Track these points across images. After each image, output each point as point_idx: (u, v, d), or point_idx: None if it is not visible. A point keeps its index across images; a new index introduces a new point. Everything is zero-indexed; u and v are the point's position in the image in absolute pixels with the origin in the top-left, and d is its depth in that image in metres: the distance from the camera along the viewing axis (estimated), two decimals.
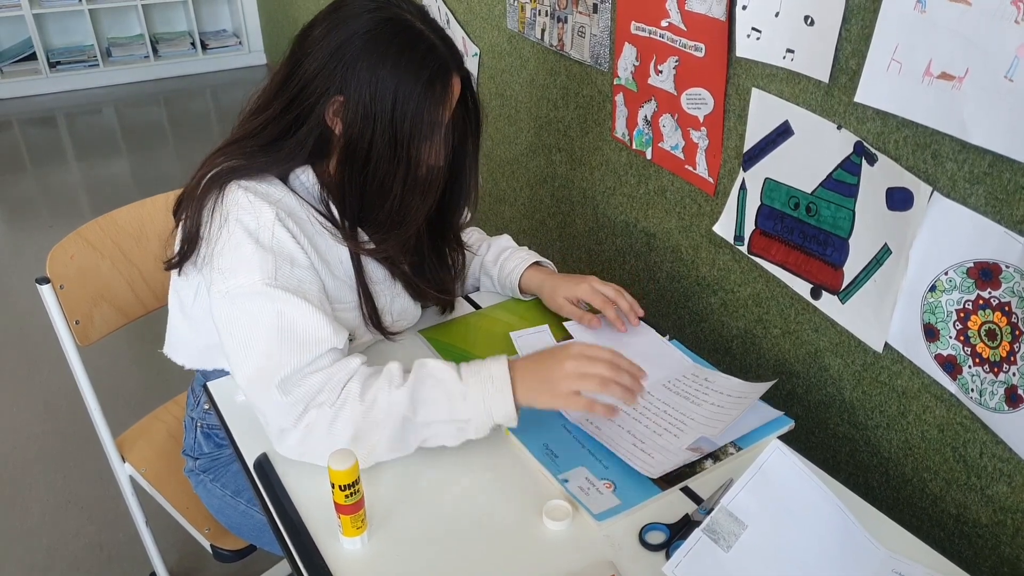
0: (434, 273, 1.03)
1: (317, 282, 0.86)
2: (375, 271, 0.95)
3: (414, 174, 0.86)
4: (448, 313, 1.10)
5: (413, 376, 0.82)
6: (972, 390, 0.84)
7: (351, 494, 0.70)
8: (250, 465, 0.85)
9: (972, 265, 0.80)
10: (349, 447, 0.77)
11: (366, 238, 0.91)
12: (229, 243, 0.81)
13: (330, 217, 0.88)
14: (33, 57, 4.01)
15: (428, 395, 0.81)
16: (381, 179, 0.86)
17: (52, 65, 4.07)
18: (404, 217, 0.89)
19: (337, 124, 0.85)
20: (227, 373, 0.98)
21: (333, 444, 0.79)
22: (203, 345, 0.99)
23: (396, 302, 0.98)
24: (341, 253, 0.91)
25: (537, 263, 1.11)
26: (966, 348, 0.83)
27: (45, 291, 1.10)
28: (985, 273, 0.79)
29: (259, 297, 0.80)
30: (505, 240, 1.15)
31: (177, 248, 0.89)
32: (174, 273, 0.94)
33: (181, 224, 0.87)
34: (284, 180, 0.87)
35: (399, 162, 0.85)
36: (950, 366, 0.85)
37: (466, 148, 0.96)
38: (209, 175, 0.84)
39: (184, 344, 1.02)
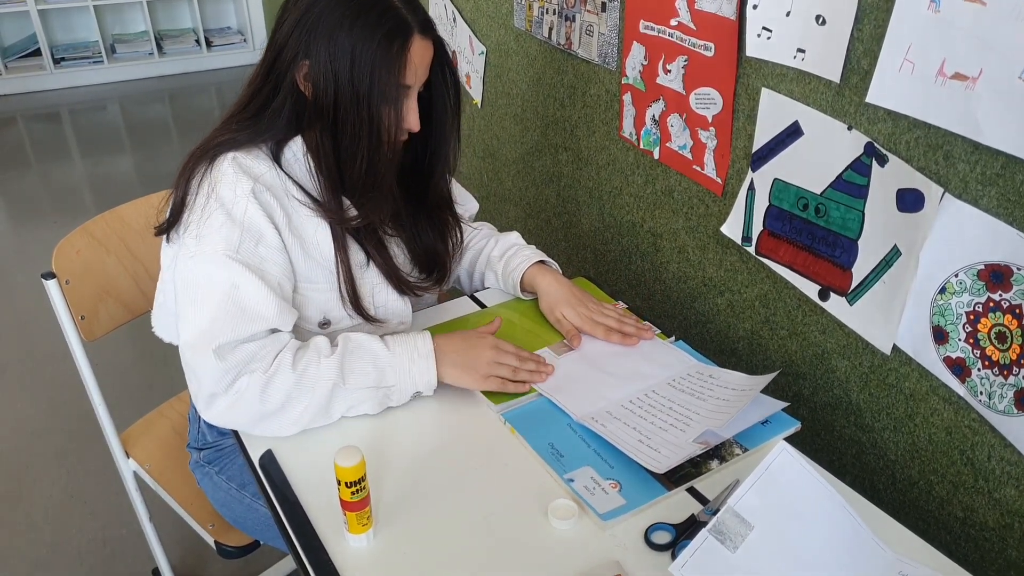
0: (429, 244, 1.05)
1: (281, 263, 0.90)
2: (355, 254, 0.96)
3: (377, 134, 0.89)
4: (444, 286, 1.12)
5: (341, 347, 0.88)
6: (981, 393, 0.83)
7: (357, 491, 0.70)
8: (255, 460, 0.85)
9: (983, 267, 0.79)
10: (276, 414, 0.84)
11: (353, 213, 0.94)
12: (204, 211, 0.87)
13: (311, 195, 0.92)
14: (37, 53, 4.02)
15: (356, 365, 0.87)
16: (348, 140, 0.89)
17: (56, 61, 4.08)
18: (375, 179, 0.92)
19: (308, 89, 0.89)
20: None
21: (263, 410, 0.84)
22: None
23: (378, 292, 0.99)
24: (319, 233, 0.93)
25: (542, 262, 1.10)
26: (975, 351, 0.82)
27: (51, 286, 1.10)
28: (996, 275, 0.78)
29: (217, 265, 0.85)
30: (514, 237, 1.15)
31: (168, 215, 0.92)
32: (165, 248, 0.96)
33: (172, 193, 0.92)
34: (277, 153, 0.91)
35: (362, 123, 0.88)
36: (959, 369, 0.85)
37: (444, 114, 0.98)
38: (198, 151, 0.89)
39: (166, 315, 1.02)
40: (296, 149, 0.92)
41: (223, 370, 0.83)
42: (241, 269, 0.85)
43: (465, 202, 1.18)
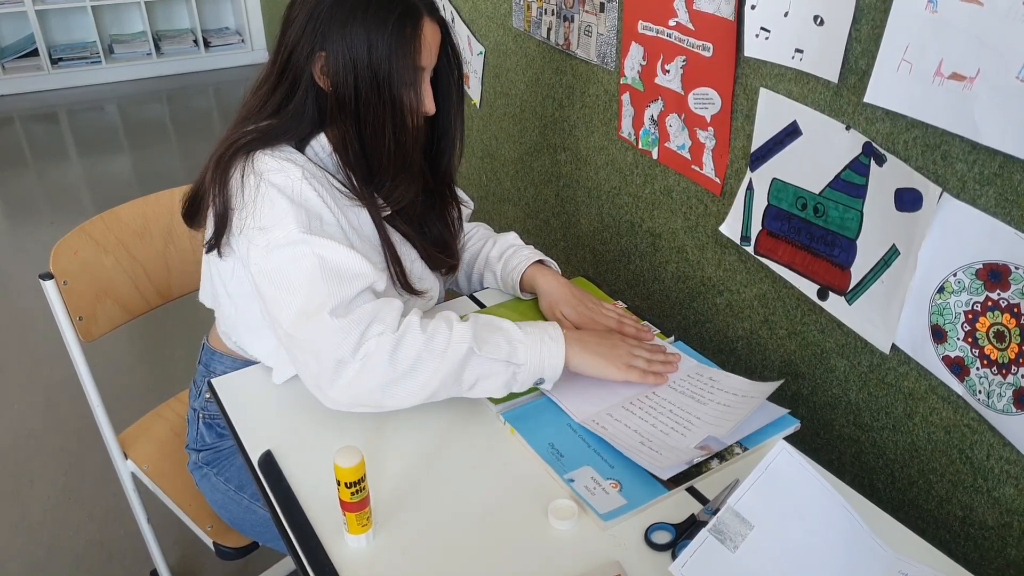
0: (438, 232, 1.06)
1: (346, 239, 0.89)
2: (392, 235, 0.98)
3: (402, 117, 0.89)
4: (452, 277, 1.13)
5: (472, 319, 0.87)
6: (980, 392, 0.83)
7: (357, 491, 0.70)
8: (254, 461, 0.85)
9: (981, 266, 0.79)
10: (405, 377, 0.82)
11: (382, 202, 0.95)
12: (264, 201, 0.85)
13: (347, 183, 0.92)
14: (35, 53, 4.01)
15: (489, 336, 0.86)
16: (373, 126, 0.89)
17: (54, 61, 4.08)
18: (403, 161, 0.92)
19: (326, 82, 0.89)
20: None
21: (393, 373, 0.81)
22: (249, 323, 0.99)
23: (415, 266, 1.02)
24: (362, 218, 0.94)
25: (540, 262, 1.10)
26: (974, 350, 0.83)
27: (48, 287, 1.09)
28: (994, 275, 0.78)
29: (298, 244, 0.84)
30: (512, 237, 1.15)
31: (211, 230, 0.91)
32: (214, 262, 0.95)
33: (211, 207, 0.90)
34: (301, 151, 0.91)
35: (385, 105, 0.88)
36: (957, 368, 0.85)
37: (450, 95, 0.99)
38: (226, 154, 0.88)
39: (233, 325, 1.02)
40: (318, 146, 0.92)
41: (345, 329, 0.81)
42: (321, 240, 0.84)
43: (462, 201, 1.18)
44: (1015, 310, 0.77)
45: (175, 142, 3.58)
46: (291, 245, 0.84)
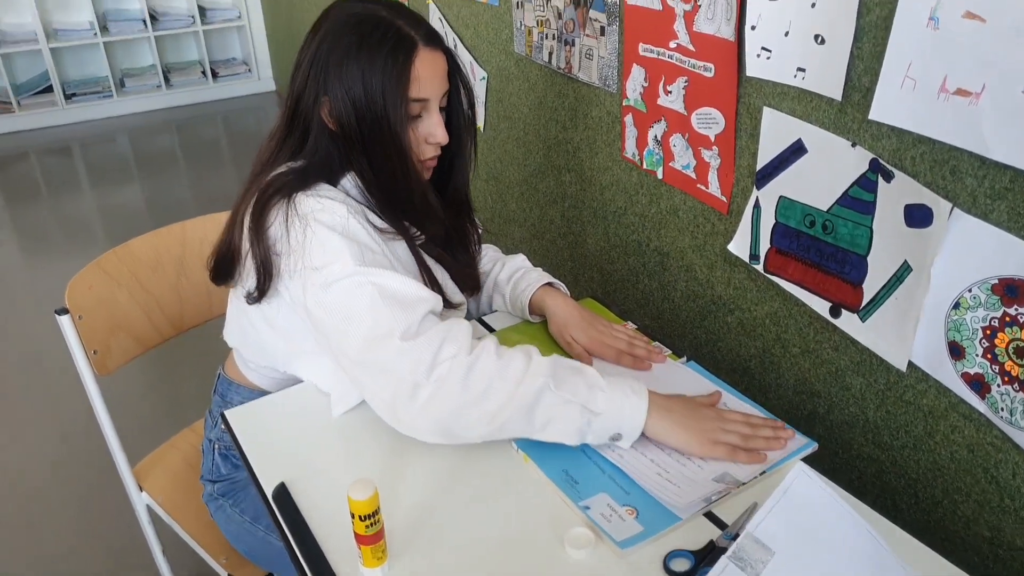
0: (462, 256, 1.06)
1: (395, 267, 0.89)
2: (426, 259, 0.99)
3: (403, 149, 0.89)
4: (476, 297, 1.13)
5: (555, 357, 0.84)
6: (1002, 409, 0.82)
7: (371, 524, 0.69)
8: (268, 493, 0.84)
9: (996, 282, 0.79)
10: (475, 403, 0.79)
11: (415, 231, 0.96)
12: (316, 241, 0.84)
13: (379, 216, 0.93)
14: (50, 89, 4.09)
15: (568, 376, 0.82)
16: (381, 160, 0.90)
17: (68, 97, 4.16)
18: (415, 192, 0.93)
19: (334, 124, 0.90)
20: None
21: (465, 397, 0.79)
22: (303, 353, 0.98)
23: (448, 285, 1.02)
24: (398, 247, 0.95)
25: (549, 284, 1.10)
26: (994, 366, 0.81)
27: (64, 322, 1.10)
28: (1011, 289, 0.77)
29: (354, 276, 0.83)
30: (520, 260, 1.15)
31: (255, 282, 0.90)
32: (252, 306, 0.93)
33: (250, 259, 0.89)
34: (334, 187, 0.92)
35: (387, 143, 0.89)
36: (978, 385, 0.84)
37: (461, 121, 0.99)
38: (260, 201, 0.87)
39: (285, 359, 1.01)
40: (349, 185, 0.93)
41: (417, 350, 0.79)
42: (376, 270, 0.84)
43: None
44: None
45: (185, 171, 3.62)
46: (348, 278, 0.83)
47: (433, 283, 0.97)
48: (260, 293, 0.90)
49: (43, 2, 3.98)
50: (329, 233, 0.85)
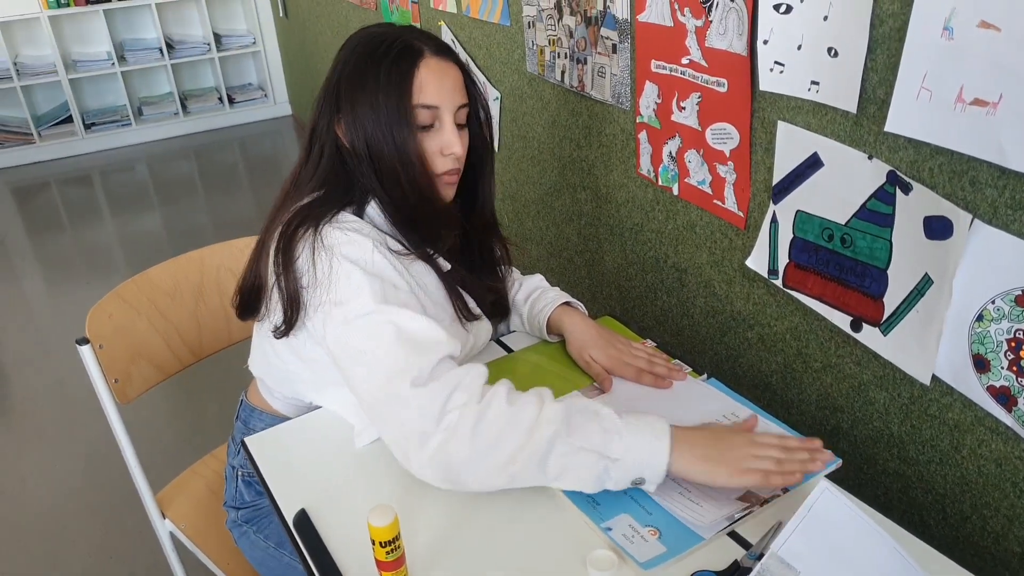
0: (487, 274, 1.05)
1: (419, 304, 0.88)
2: (452, 279, 0.99)
3: (410, 159, 0.89)
4: (504, 321, 1.13)
5: (569, 401, 0.81)
6: None
7: (392, 550, 0.69)
8: (289, 520, 0.84)
9: (1020, 293, 0.77)
10: (486, 452, 0.77)
11: (432, 251, 0.96)
12: (339, 275, 0.84)
13: (401, 241, 0.93)
14: (70, 120, 4.18)
15: (582, 422, 0.78)
16: (389, 173, 0.90)
17: (87, 126, 4.25)
18: (426, 202, 0.92)
19: (346, 139, 0.91)
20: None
21: (475, 446, 0.77)
22: (320, 381, 0.98)
23: (471, 300, 1.02)
24: (427, 276, 0.95)
25: (567, 303, 1.10)
26: (1020, 379, 0.80)
27: (85, 351, 1.12)
28: None
29: (373, 314, 0.83)
30: (537, 279, 1.15)
31: (282, 316, 0.89)
32: (279, 339, 0.93)
33: (277, 292, 0.89)
34: (360, 216, 0.92)
35: (394, 154, 0.88)
36: (1004, 398, 0.82)
37: (481, 134, 0.99)
38: (285, 233, 0.88)
39: (316, 388, 1.00)
40: (373, 212, 0.92)
41: (427, 398, 0.78)
42: (396, 309, 0.83)
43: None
44: None
45: (203, 197, 3.68)
46: (367, 316, 0.83)
47: (457, 298, 0.97)
48: (288, 326, 0.89)
49: (62, 33, 4.08)
50: (352, 267, 0.84)
